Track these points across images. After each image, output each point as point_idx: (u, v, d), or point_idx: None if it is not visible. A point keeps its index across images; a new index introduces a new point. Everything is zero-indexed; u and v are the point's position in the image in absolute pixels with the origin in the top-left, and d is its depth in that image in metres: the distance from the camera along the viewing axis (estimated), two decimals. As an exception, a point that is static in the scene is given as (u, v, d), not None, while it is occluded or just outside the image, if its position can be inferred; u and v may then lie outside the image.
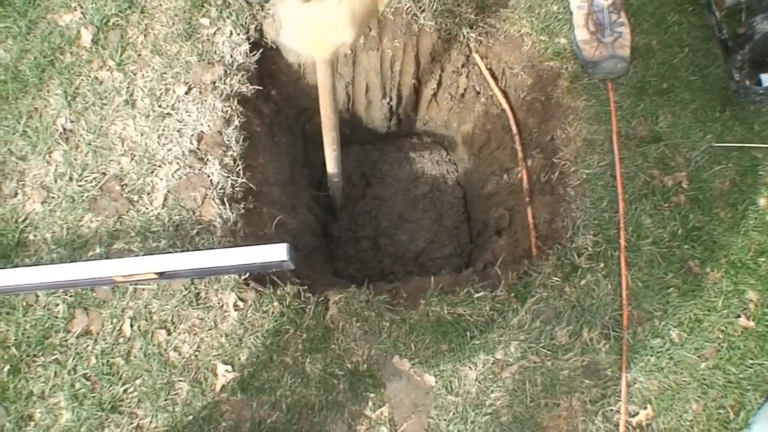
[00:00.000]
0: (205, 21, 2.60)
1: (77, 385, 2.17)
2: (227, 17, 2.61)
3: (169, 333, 2.22)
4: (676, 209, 2.42)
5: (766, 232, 2.44)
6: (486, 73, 2.96)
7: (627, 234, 2.38)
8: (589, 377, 2.22)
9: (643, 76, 2.63)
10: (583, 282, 2.32)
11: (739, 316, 2.33)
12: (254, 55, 2.64)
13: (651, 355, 2.25)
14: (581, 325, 2.26)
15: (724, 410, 2.23)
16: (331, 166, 2.86)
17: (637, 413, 2.20)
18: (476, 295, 2.31)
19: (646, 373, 2.24)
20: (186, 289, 2.25)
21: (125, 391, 2.16)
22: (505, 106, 2.92)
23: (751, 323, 2.32)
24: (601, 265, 2.34)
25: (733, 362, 2.27)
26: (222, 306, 2.24)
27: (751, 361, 2.28)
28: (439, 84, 3.19)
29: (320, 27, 1.90)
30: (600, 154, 2.50)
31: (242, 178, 2.43)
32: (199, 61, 2.53)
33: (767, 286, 2.37)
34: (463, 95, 3.25)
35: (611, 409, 2.19)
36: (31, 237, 2.32)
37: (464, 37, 2.85)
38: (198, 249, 2.27)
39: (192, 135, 2.42)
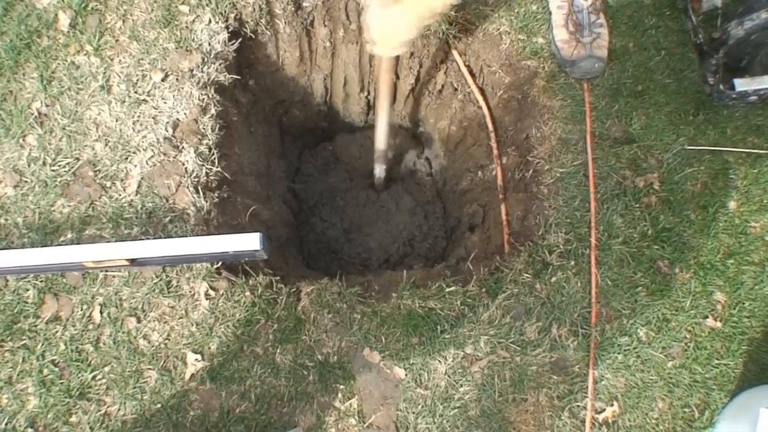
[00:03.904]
0: (185, 8, 2.58)
1: (45, 371, 2.15)
2: (206, 5, 2.59)
3: (139, 321, 2.21)
4: (647, 210, 2.45)
5: (736, 235, 2.47)
6: (464, 69, 2.97)
7: (598, 233, 2.40)
8: (557, 373, 2.23)
9: (618, 77, 2.66)
10: (553, 279, 2.34)
11: (706, 317, 2.35)
12: (233, 44, 2.63)
13: (618, 353, 2.28)
14: (550, 322, 2.28)
15: (689, 409, 2.26)
16: (380, 141, 2.99)
17: (604, 410, 2.22)
18: (448, 290, 2.32)
19: (613, 371, 2.26)
20: (157, 276, 2.24)
21: (94, 378, 2.15)
22: (482, 103, 2.94)
23: (718, 324, 2.35)
24: (572, 262, 2.36)
25: (700, 362, 2.30)
26: (193, 295, 2.24)
27: (717, 362, 2.31)
28: (417, 79, 3.20)
29: (391, 28, 2.20)
30: (574, 153, 2.52)
31: (217, 167, 2.42)
32: (176, 48, 2.51)
33: (735, 288, 2.40)
34: (440, 91, 3.26)
35: (578, 405, 2.21)
36: (2, 221, 2.29)
37: (443, 33, 2.85)
38: (170, 237, 2.26)
39: (167, 122, 2.40)
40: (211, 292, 2.24)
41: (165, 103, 2.44)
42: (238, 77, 2.72)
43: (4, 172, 2.35)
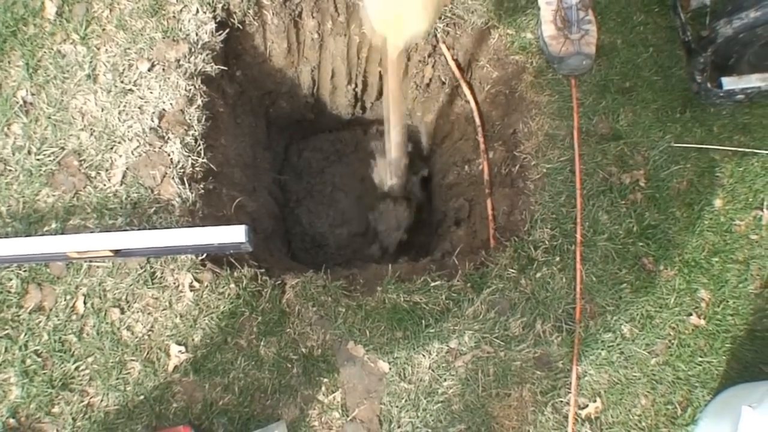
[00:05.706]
0: (172, -2, 2.57)
1: (28, 362, 2.14)
2: (194, -5, 2.58)
3: (122, 312, 2.20)
4: (633, 207, 2.45)
5: (721, 232, 2.48)
6: (452, 64, 2.97)
7: (583, 229, 2.40)
8: (541, 369, 2.24)
9: (606, 74, 2.65)
10: (538, 275, 2.34)
11: (690, 314, 2.36)
12: (220, 34, 2.62)
13: (602, 349, 2.28)
14: (535, 317, 2.29)
15: (672, 406, 2.27)
16: (396, 149, 2.86)
17: (587, 406, 2.23)
18: (433, 284, 2.32)
19: (596, 367, 2.27)
20: (141, 268, 2.23)
21: (77, 368, 2.15)
22: (470, 97, 2.93)
23: (702, 321, 2.36)
24: (557, 258, 2.36)
25: (683, 359, 2.31)
26: (177, 286, 2.23)
27: (700, 359, 2.32)
28: (405, 73, 3.19)
29: (398, 10, 1.97)
30: (561, 149, 2.52)
31: (203, 158, 2.41)
32: (163, 38, 2.50)
33: (719, 286, 2.41)
34: (428, 85, 3.25)
35: (561, 401, 2.22)
36: (-15, 210, 2.29)
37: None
38: (155, 228, 2.25)
39: (153, 112, 2.39)
40: (196, 284, 2.23)
41: (151, 93, 2.42)
42: (225, 68, 2.71)
43: (-12, 161, 2.34)
